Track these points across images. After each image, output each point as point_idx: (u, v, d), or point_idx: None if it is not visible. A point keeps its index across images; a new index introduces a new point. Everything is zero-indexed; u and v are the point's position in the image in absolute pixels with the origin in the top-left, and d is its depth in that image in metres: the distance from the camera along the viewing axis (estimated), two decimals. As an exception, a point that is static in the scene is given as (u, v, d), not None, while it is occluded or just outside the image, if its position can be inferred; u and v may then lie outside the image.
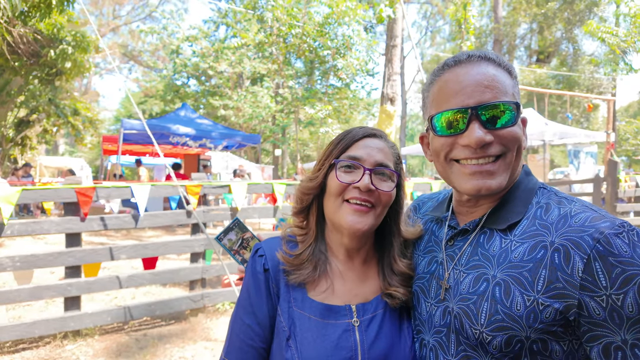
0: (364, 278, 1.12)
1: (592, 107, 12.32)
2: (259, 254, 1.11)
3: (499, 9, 23.29)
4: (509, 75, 0.96)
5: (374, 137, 1.10)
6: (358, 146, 1.07)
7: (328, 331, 1.02)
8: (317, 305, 1.05)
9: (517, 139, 0.93)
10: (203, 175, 4.79)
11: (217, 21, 22.45)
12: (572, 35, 27.06)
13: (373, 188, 1.03)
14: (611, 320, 0.77)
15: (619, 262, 0.77)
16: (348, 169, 1.06)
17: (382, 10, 7.63)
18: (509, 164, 0.94)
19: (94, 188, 3.98)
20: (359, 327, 1.03)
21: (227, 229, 1.39)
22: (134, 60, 34.22)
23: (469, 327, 0.90)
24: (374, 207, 1.05)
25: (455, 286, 0.96)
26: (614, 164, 8.20)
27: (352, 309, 1.05)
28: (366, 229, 1.03)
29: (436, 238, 1.09)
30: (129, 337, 4.17)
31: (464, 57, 0.97)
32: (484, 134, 0.91)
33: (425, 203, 1.25)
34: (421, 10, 38.25)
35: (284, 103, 16.83)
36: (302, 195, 1.13)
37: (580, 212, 0.87)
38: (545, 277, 0.83)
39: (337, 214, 1.05)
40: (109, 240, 9.41)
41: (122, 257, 4.20)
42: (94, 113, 14.73)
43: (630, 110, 34.53)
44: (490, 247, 0.94)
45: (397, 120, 26.81)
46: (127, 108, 31.41)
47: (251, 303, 1.08)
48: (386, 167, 1.06)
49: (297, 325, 1.03)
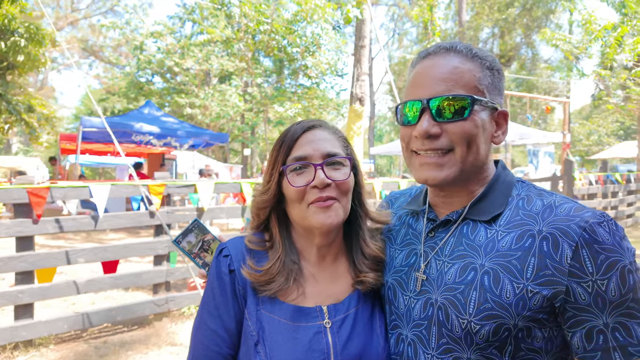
0: (335, 276, 1.09)
1: (549, 109, 12.95)
2: (223, 254, 1.06)
3: (463, 13, 24.02)
4: (480, 67, 0.94)
5: (313, 129, 1.05)
6: (301, 144, 1.03)
7: (299, 334, 0.98)
8: (287, 308, 1.01)
9: (466, 133, 0.91)
10: (167, 174, 4.63)
11: (183, 17, 21.87)
12: (531, 40, 28.36)
13: (330, 182, 0.99)
14: (595, 305, 0.80)
15: (603, 249, 0.81)
16: (298, 170, 1.01)
17: (349, 10, 7.66)
18: (458, 159, 0.93)
19: (48, 188, 3.75)
20: (331, 329, 1.00)
21: (185, 231, 1.32)
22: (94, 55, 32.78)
23: (455, 317, 0.89)
24: (337, 199, 1.01)
25: (439, 277, 0.95)
26: (570, 163, 8.64)
27: (323, 310, 1.02)
28: (338, 222, 1.01)
29: (414, 231, 1.08)
30: (87, 345, 3.96)
31: (433, 49, 0.97)
32: (430, 126, 0.91)
33: (398, 199, 1.25)
34: (389, 13, 38.91)
35: (253, 102, 16.63)
36: (259, 210, 1.08)
37: (564, 203, 0.89)
38: (535, 265, 0.84)
39: (305, 219, 1.02)
40: (67, 244, 8.95)
41: (80, 261, 3.98)
42: (50, 110, 13.95)
43: (583, 112, 36.59)
44: (476, 237, 0.94)
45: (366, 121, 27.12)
46: (88, 105, 30.05)
47: (216, 306, 1.03)
48: (335, 155, 1.02)
49: (266, 329, 0.99)
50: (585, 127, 26.78)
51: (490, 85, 0.95)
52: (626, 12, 12.60)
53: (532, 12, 27.02)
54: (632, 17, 12.24)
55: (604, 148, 25.03)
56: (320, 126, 1.06)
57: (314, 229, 1.02)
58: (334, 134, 1.07)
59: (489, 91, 0.94)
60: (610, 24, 12.00)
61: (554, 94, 25.59)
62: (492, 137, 0.97)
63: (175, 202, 11.56)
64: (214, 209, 4.91)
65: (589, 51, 14.22)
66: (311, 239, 1.07)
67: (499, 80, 0.97)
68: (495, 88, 0.96)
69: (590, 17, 12.45)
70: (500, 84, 0.98)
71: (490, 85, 0.95)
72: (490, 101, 0.94)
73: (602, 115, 25.77)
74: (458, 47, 0.95)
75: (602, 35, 12.09)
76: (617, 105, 15.46)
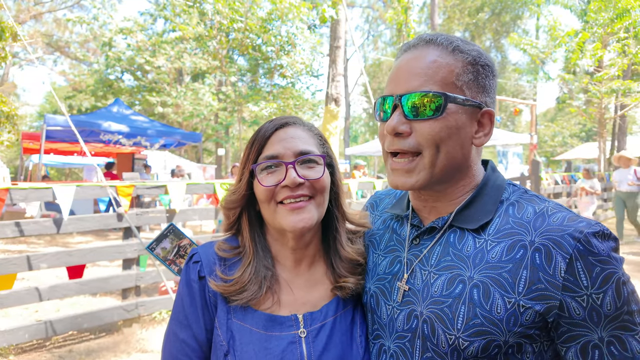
0: (312, 282, 1.04)
1: (518, 111, 13.38)
2: (194, 260, 1.02)
3: (435, 17, 24.55)
4: (461, 62, 0.87)
5: (286, 126, 1.00)
6: (272, 142, 0.98)
7: (271, 344, 0.93)
8: (260, 316, 0.96)
9: (436, 134, 0.85)
10: (136, 175, 4.47)
11: (154, 14, 21.31)
12: (500, 44, 29.30)
13: (302, 180, 0.95)
14: (590, 319, 0.77)
15: (598, 261, 0.77)
16: (270, 169, 0.97)
17: (324, 10, 7.66)
18: (427, 164, 0.87)
19: (7, 189, 3.55)
20: (306, 338, 0.95)
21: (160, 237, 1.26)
22: (60, 51, 31.44)
23: (442, 332, 0.84)
24: (312, 198, 0.97)
25: (424, 288, 0.89)
26: (537, 163, 8.95)
27: (298, 318, 0.97)
28: (311, 224, 0.95)
29: (398, 237, 1.02)
30: (51, 354, 3.77)
31: (415, 41, 0.91)
32: (398, 123, 0.86)
33: (383, 200, 1.18)
34: (363, 15, 39.27)
35: (227, 101, 16.39)
36: (227, 211, 1.03)
37: (556, 212, 0.84)
38: (527, 278, 0.79)
39: (275, 220, 0.97)
40: (29, 249, 8.53)
41: (42, 267, 3.78)
42: (11, 107, 13.28)
43: (548, 115, 38.11)
44: (464, 247, 0.88)
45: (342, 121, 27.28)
46: (53, 103, 28.81)
47: (186, 315, 0.98)
48: (308, 153, 0.97)
49: (236, 339, 0.94)
50: (550, 129, 27.92)
51: (471, 82, 0.87)
52: (587, 20, 13.22)
53: (501, 17, 27.94)
54: (592, 25, 12.84)
55: (568, 149, 26.17)
56: (294, 123, 1.02)
57: (285, 231, 0.97)
58: (309, 131, 1.03)
59: (470, 88, 0.87)
60: (572, 31, 12.54)
61: (522, 96, 26.53)
62: (472, 138, 0.89)
63: (146, 204, 11.23)
64: (186, 211, 4.78)
65: (554, 56, 14.82)
66: (285, 242, 1.02)
67: (485, 76, 0.89)
68: (479, 85, 0.88)
69: (555, 23, 12.98)
70: (487, 81, 0.89)
71: (472, 81, 0.87)
72: (469, 100, 0.87)
73: (566, 117, 26.94)
74: (439, 40, 0.88)
75: (565, 41, 12.62)
76: (579, 108, 16.19)
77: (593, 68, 13.53)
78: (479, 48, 0.91)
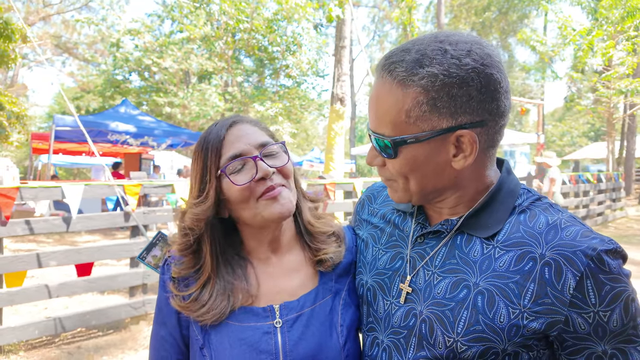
0: (290, 271, 1.04)
1: (524, 111, 13.29)
2: (167, 262, 1.05)
3: (442, 16, 24.43)
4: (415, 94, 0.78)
5: (236, 124, 1.01)
6: (230, 142, 0.97)
7: (246, 335, 0.95)
8: (235, 310, 0.97)
9: (399, 171, 0.85)
10: (143, 174, 4.52)
11: (162, 15, 21.45)
12: (507, 43, 29.09)
13: (273, 169, 0.97)
14: (595, 334, 0.77)
15: (609, 279, 0.76)
16: (236, 170, 0.96)
17: (331, 9, 7.68)
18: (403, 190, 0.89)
19: (17, 188, 3.61)
20: (282, 328, 0.96)
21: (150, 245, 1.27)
22: (68, 52, 31.77)
23: (440, 333, 0.84)
24: (283, 185, 0.99)
25: (426, 288, 0.89)
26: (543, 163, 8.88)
27: (274, 309, 0.98)
28: (292, 207, 0.98)
29: (401, 232, 1.00)
30: (60, 350, 3.83)
31: (378, 68, 0.86)
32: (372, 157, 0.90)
33: (381, 193, 1.14)
34: (370, 14, 39.23)
35: (234, 101, 16.45)
36: (196, 223, 0.97)
37: (570, 225, 0.82)
38: (534, 291, 0.79)
39: (257, 216, 0.96)
40: (38, 247, 8.64)
41: (51, 264, 3.84)
42: (21, 108, 13.45)
43: (556, 115, 37.78)
44: (471, 251, 0.87)
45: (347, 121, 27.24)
46: (62, 104, 29.10)
47: (162, 315, 1.04)
48: (268, 143, 0.99)
49: (211, 332, 0.96)
50: (558, 129, 27.68)
51: (429, 113, 0.78)
52: (597, 17, 13.08)
53: (508, 16, 27.74)
54: (603, 22, 12.71)
55: (577, 149, 25.91)
56: (241, 121, 1.02)
57: (269, 222, 0.97)
58: (256, 125, 1.04)
59: (428, 119, 0.78)
60: (584, 29, 12.41)
61: (529, 96, 26.32)
62: (448, 163, 0.83)
63: (153, 203, 11.32)
64: (192, 210, 4.82)
65: (563, 54, 14.69)
66: (262, 236, 1.02)
67: (451, 98, 0.77)
68: (442, 111, 0.78)
69: (566, 21, 12.84)
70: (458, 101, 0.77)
71: (430, 112, 0.78)
72: (426, 134, 0.79)
73: (574, 117, 26.69)
74: (389, 69, 0.80)
75: (576, 39, 12.50)
76: (588, 107, 16.03)
77: (602, 67, 13.40)
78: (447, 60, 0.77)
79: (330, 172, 8.46)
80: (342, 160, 9.51)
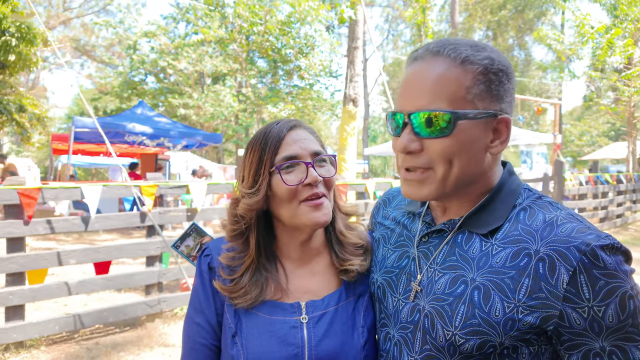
0: (316, 272, 1.11)
1: (541, 110, 13.06)
2: (205, 254, 1.12)
3: (456, 15, 24.19)
4: (471, 73, 0.83)
5: (295, 128, 1.06)
6: (287, 143, 1.03)
7: (275, 327, 1.02)
8: (265, 303, 1.04)
9: (447, 152, 0.84)
10: (159, 175, 4.62)
11: (177, 17, 21.78)
12: (523, 42, 28.60)
13: (321, 178, 1.02)
14: (591, 330, 0.78)
15: (603, 274, 0.76)
16: (288, 170, 1.02)
17: (343, 10, 7.69)
18: (439, 179, 0.87)
19: (39, 189, 3.73)
20: (307, 324, 1.03)
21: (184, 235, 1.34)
22: (86, 55, 32.50)
23: (440, 327, 0.87)
24: (325, 195, 1.04)
25: (429, 284, 0.92)
26: (560, 164, 8.73)
27: (301, 306, 1.05)
28: (329, 218, 1.03)
29: (408, 232, 1.05)
30: (79, 346, 3.94)
31: (420, 52, 0.89)
32: (409, 142, 0.86)
33: (396, 197, 1.20)
34: (383, 14, 39.06)
35: (247, 102, 16.60)
36: (247, 212, 1.05)
37: (566, 222, 0.83)
38: (528, 286, 0.80)
39: (296, 217, 1.02)
40: (58, 245, 8.88)
41: (71, 262, 3.96)
42: (42, 110, 13.82)
43: (575, 114, 36.96)
44: (470, 249, 0.90)
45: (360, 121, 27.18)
46: (80, 105, 29.79)
47: (200, 302, 1.09)
48: (321, 153, 1.05)
49: (243, 322, 1.03)
50: (577, 128, 27.09)
51: (484, 93, 0.84)
52: (617, 15, 12.76)
53: (524, 14, 27.28)
54: (623, 20, 12.39)
55: (596, 149, 25.31)
56: (300, 126, 1.08)
57: (306, 227, 1.03)
58: (312, 134, 1.10)
59: (482, 99, 0.84)
60: (603, 27, 12.13)
61: (546, 95, 25.84)
62: (487, 148, 0.88)
63: (169, 203, 11.50)
64: (206, 210, 4.90)
65: (581, 53, 14.38)
66: (296, 237, 1.08)
67: (499, 83, 0.85)
68: (492, 94, 0.85)
69: (584, 18, 12.57)
70: (502, 87, 0.86)
71: (485, 92, 0.84)
72: (482, 112, 0.84)
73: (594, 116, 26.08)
74: (446, 51, 0.85)
75: (594, 37, 12.22)
76: (607, 106, 15.65)
77: (622, 65, 13.07)
78: (492, 51, 0.87)
79: (342, 173, 8.48)
80: (355, 161, 9.52)
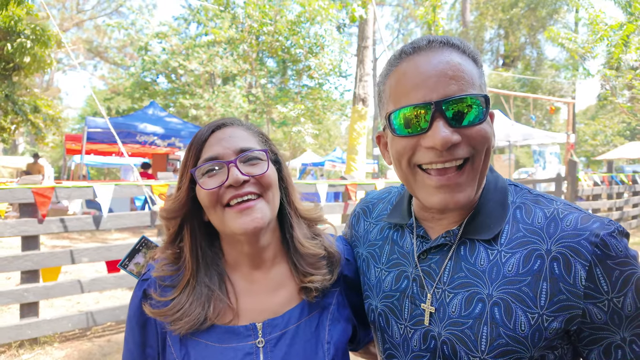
0: (274, 287, 0.98)
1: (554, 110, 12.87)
2: (143, 278, 0.98)
3: (467, 14, 23.98)
4: (474, 64, 0.83)
5: (223, 127, 0.96)
6: (211, 144, 0.93)
7: (227, 357, 0.89)
8: (215, 329, 0.92)
9: (487, 138, 0.80)
10: (170, 174, 4.66)
11: (188, 18, 21.98)
12: (536, 40, 28.21)
13: (246, 177, 0.90)
14: (612, 322, 0.76)
15: (616, 264, 0.75)
16: (211, 172, 0.92)
17: (354, 9, 7.67)
18: (477, 170, 0.81)
19: (53, 188, 3.79)
20: (264, 348, 0.91)
21: (132, 252, 1.16)
22: (99, 56, 33.01)
23: (465, 354, 0.81)
24: (260, 196, 0.92)
25: (440, 308, 0.85)
26: (574, 164, 8.59)
27: (257, 327, 0.93)
28: (263, 223, 0.90)
29: (400, 249, 0.95)
30: (91, 343, 4.00)
31: (424, 42, 0.83)
32: (450, 134, 0.77)
33: (376, 205, 1.10)
34: (394, 13, 38.89)
35: (257, 102, 16.66)
36: (167, 221, 0.96)
37: (567, 213, 0.80)
38: (548, 290, 0.77)
39: (225, 224, 0.91)
40: (71, 244, 9.02)
41: (83, 260, 4.01)
42: (56, 110, 14.07)
43: (589, 113, 36.33)
44: (477, 260, 0.83)
45: (370, 121, 27.10)
46: (93, 106, 30.25)
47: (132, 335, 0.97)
48: (249, 149, 0.93)
49: (191, 355, 0.91)
50: (591, 127, 26.63)
51: (483, 85, 0.84)
52: (632, 12, 12.51)
53: (537, 12, 26.90)
54: (638, 17, 12.14)
55: (611, 148, 24.84)
56: (231, 124, 0.98)
57: (237, 235, 0.91)
58: (248, 130, 0.99)
59: (484, 90, 0.83)
60: (617, 24, 11.91)
61: (559, 94, 25.45)
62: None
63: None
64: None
65: (595, 50, 14.13)
66: (239, 248, 0.96)
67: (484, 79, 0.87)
68: (485, 87, 0.85)
69: (597, 16, 12.35)
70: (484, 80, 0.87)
71: (484, 84, 0.84)
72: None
73: (608, 115, 25.61)
74: (454, 41, 0.83)
75: (608, 34, 12.00)
76: (623, 105, 15.34)
77: (638, 63, 12.81)
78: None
79: (352, 173, 8.46)
80: (364, 161, 9.49)
